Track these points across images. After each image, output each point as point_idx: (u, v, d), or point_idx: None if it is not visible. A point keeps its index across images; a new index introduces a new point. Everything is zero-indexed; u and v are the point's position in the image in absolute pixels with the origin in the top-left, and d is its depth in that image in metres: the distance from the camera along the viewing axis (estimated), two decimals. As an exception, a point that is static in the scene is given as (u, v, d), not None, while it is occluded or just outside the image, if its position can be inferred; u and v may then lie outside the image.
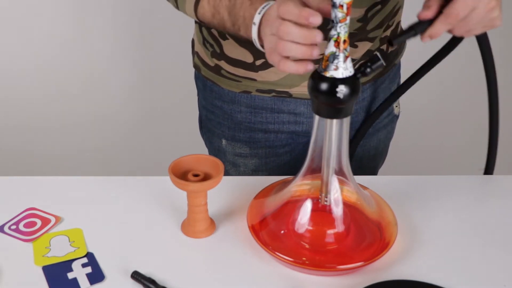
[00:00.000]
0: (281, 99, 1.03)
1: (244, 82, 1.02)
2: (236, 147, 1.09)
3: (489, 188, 0.99)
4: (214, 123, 1.11)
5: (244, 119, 1.06)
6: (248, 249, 0.84)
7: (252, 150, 1.09)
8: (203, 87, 1.10)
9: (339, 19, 0.69)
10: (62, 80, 1.93)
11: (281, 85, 1.01)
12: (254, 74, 1.00)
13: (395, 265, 0.81)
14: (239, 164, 1.11)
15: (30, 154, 2.04)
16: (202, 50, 1.07)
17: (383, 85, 1.09)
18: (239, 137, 1.08)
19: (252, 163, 1.10)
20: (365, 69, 0.74)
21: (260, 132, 1.07)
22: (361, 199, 0.84)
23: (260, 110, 1.05)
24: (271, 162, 1.10)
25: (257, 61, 0.99)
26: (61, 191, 0.96)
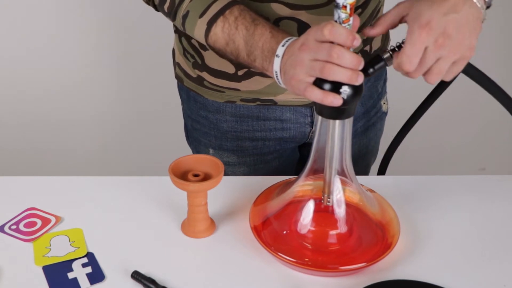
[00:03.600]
0: (266, 107, 1.03)
1: (228, 92, 1.01)
2: (223, 156, 1.09)
3: (489, 188, 0.99)
4: (200, 133, 1.10)
5: (230, 128, 1.05)
6: (248, 249, 0.84)
7: (240, 159, 1.08)
8: (187, 97, 1.10)
9: (342, 20, 0.69)
10: (62, 80, 1.92)
11: (265, 93, 1.00)
12: (237, 84, 1.00)
13: (397, 266, 0.81)
14: (227, 173, 1.10)
15: (31, 154, 2.03)
16: (183, 61, 1.06)
17: (368, 83, 1.09)
18: (226, 146, 1.08)
19: (241, 171, 1.10)
20: (367, 70, 0.74)
21: (247, 140, 1.06)
22: (364, 199, 0.84)
23: (246, 118, 1.04)
24: (259, 169, 1.10)
25: (239, 71, 0.98)
26: (61, 191, 0.96)
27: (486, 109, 1.99)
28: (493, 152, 2.08)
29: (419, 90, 1.17)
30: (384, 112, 1.17)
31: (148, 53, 1.90)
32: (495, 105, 2.11)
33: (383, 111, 1.16)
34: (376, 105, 1.12)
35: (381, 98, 1.14)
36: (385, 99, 1.16)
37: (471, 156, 2.08)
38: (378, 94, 1.12)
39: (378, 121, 1.15)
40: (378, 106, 1.14)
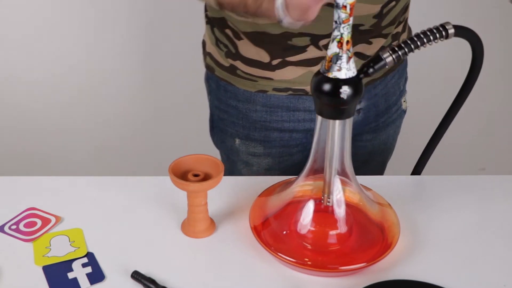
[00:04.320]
0: (297, 97, 1.03)
1: (260, 82, 1.02)
2: (250, 147, 1.09)
3: (489, 188, 0.99)
4: (227, 123, 1.10)
5: (259, 118, 1.06)
6: (248, 249, 0.84)
7: (266, 150, 1.09)
8: (216, 87, 1.09)
9: (342, 20, 0.69)
10: (62, 80, 1.92)
11: (298, 83, 1.01)
12: (271, 73, 1.00)
13: (397, 266, 0.81)
14: (252, 164, 1.11)
15: (31, 154, 2.03)
16: (216, 51, 1.06)
17: (393, 80, 1.11)
18: (254, 136, 1.08)
19: (266, 162, 1.10)
20: (367, 70, 0.74)
21: (276, 131, 1.07)
22: (364, 200, 0.84)
23: (276, 108, 1.04)
24: (284, 161, 1.10)
25: (274, 60, 0.99)
26: (61, 191, 0.96)
27: (486, 109, 1.99)
28: (493, 152, 2.08)
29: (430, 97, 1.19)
30: (403, 110, 1.19)
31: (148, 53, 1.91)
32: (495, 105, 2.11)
33: (402, 109, 1.18)
34: (397, 102, 1.14)
35: (402, 96, 1.16)
36: (405, 97, 1.18)
37: (471, 156, 2.08)
38: (400, 92, 1.14)
39: (397, 118, 1.17)
40: (399, 103, 1.16)
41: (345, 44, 0.70)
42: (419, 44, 0.76)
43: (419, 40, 0.76)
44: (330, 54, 0.71)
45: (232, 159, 1.14)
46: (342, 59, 0.71)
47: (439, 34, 0.76)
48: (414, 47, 0.76)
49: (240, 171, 1.14)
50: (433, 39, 0.76)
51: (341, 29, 0.70)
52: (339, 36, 0.70)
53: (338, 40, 0.70)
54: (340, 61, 0.71)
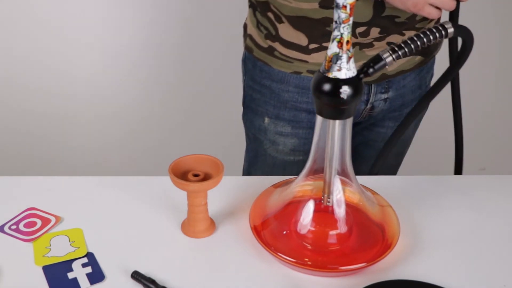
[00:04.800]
0: None
1: (296, 63, 1.06)
2: (278, 126, 1.14)
3: (489, 188, 0.99)
4: (259, 102, 1.15)
5: (290, 98, 1.10)
6: (248, 249, 0.84)
7: (294, 130, 1.13)
8: (252, 67, 1.14)
9: (342, 20, 0.69)
10: (62, 80, 1.92)
11: None
12: (307, 56, 1.05)
13: (397, 266, 0.81)
14: (278, 143, 1.15)
15: (31, 154, 2.03)
16: (256, 33, 1.11)
17: (421, 73, 1.14)
18: (283, 115, 1.12)
19: (292, 142, 1.14)
20: (367, 69, 0.74)
21: (304, 112, 1.11)
22: (364, 200, 0.84)
23: (307, 90, 1.09)
24: (309, 143, 1.10)
25: (311, 44, 1.03)
26: (61, 191, 0.96)
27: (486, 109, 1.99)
28: (493, 152, 2.08)
29: None
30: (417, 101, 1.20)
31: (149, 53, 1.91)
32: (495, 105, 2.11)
33: None
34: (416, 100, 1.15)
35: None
36: None
37: (471, 156, 2.08)
38: (426, 86, 1.17)
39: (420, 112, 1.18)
40: None
41: (345, 44, 0.70)
42: (419, 44, 0.76)
43: (419, 39, 0.76)
44: (330, 54, 0.71)
45: (260, 138, 1.18)
46: (342, 59, 0.71)
47: (438, 34, 0.76)
48: (414, 47, 0.76)
49: (265, 151, 1.18)
50: (433, 39, 0.76)
51: (341, 29, 0.70)
52: (339, 36, 0.70)
53: (338, 40, 0.70)
54: (340, 61, 0.71)
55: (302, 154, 1.15)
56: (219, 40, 1.86)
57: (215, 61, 1.89)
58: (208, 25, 1.85)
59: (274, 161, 1.19)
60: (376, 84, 1.10)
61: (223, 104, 1.89)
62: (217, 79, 1.92)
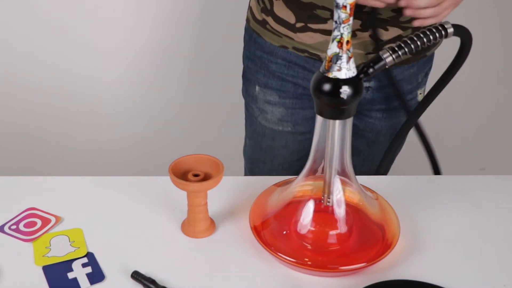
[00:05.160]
0: (312, 61, 1.11)
1: (284, 39, 1.12)
2: (267, 94, 1.19)
3: (489, 188, 0.99)
4: (252, 72, 1.21)
5: (278, 69, 1.15)
6: (248, 249, 0.84)
7: (281, 99, 1.18)
8: (249, 38, 1.21)
9: (342, 20, 0.69)
10: (62, 80, 1.92)
11: (314, 49, 1.09)
12: (293, 34, 1.10)
13: (397, 266, 0.81)
14: (267, 111, 1.21)
15: (31, 154, 2.03)
16: (255, 5, 1.17)
17: (411, 70, 1.15)
18: (271, 84, 1.18)
19: (279, 111, 1.19)
20: (367, 69, 0.74)
21: (291, 83, 1.16)
22: (364, 200, 0.84)
23: (294, 65, 1.13)
24: (296, 113, 1.19)
25: (298, 23, 1.08)
26: (61, 191, 0.96)
27: (486, 109, 1.99)
28: (493, 152, 2.08)
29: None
30: (418, 102, 1.20)
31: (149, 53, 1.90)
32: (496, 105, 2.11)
33: (418, 100, 1.21)
34: (412, 92, 1.18)
35: (419, 87, 1.19)
36: (422, 90, 1.22)
37: (471, 156, 2.08)
38: (417, 83, 1.18)
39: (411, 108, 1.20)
40: (414, 93, 1.19)
41: (345, 44, 0.70)
42: (419, 44, 0.76)
43: (419, 39, 0.76)
44: (330, 54, 0.71)
45: (252, 106, 1.24)
46: (342, 59, 0.71)
47: (438, 34, 0.76)
48: (414, 46, 0.76)
49: (256, 119, 1.24)
50: (433, 39, 0.76)
51: (341, 29, 0.70)
52: (339, 36, 0.70)
53: (338, 40, 0.70)
54: (340, 61, 0.71)
55: (289, 125, 1.20)
56: (220, 40, 1.86)
57: (215, 62, 1.89)
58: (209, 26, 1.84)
59: (264, 130, 1.24)
60: None
61: (224, 104, 1.89)
62: (218, 79, 1.92)
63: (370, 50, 1.07)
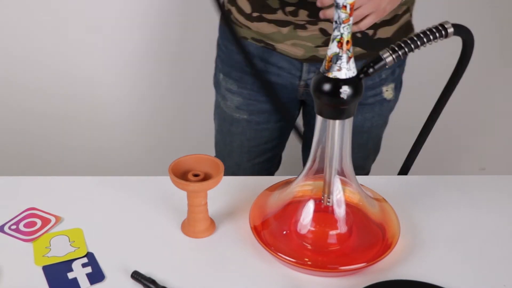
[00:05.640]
0: (268, 51, 1.16)
1: (244, 29, 1.16)
2: (228, 83, 1.25)
3: (489, 188, 0.99)
4: (219, 59, 1.28)
5: (239, 60, 1.20)
6: (248, 249, 0.84)
7: (239, 89, 1.24)
8: (220, 28, 1.27)
9: (342, 20, 0.69)
10: (61, 79, 1.92)
11: (269, 38, 1.13)
12: (250, 24, 1.14)
13: (397, 266, 0.81)
14: (227, 98, 1.27)
15: (31, 154, 2.03)
16: None
17: None
18: (232, 74, 1.23)
19: (237, 100, 1.25)
20: (368, 70, 0.74)
21: (248, 75, 1.20)
22: (364, 200, 0.84)
23: (253, 56, 1.18)
24: (251, 104, 1.24)
25: (254, 13, 1.12)
26: (61, 191, 0.96)
27: (486, 109, 1.99)
28: (493, 152, 2.08)
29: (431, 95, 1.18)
30: (385, 99, 1.21)
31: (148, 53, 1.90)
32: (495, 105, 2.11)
33: (384, 97, 1.21)
34: (375, 87, 1.18)
35: (384, 84, 1.19)
36: (390, 87, 1.21)
37: (471, 156, 2.08)
38: (380, 80, 1.18)
39: (376, 104, 1.21)
40: (379, 90, 1.19)
41: (345, 44, 0.70)
42: (419, 44, 0.76)
43: (419, 39, 0.76)
44: (330, 54, 0.71)
45: (218, 92, 1.31)
46: (342, 59, 0.71)
47: (438, 34, 0.76)
48: (414, 46, 0.76)
49: (219, 103, 1.31)
50: (433, 39, 0.76)
51: (341, 29, 0.70)
52: (339, 36, 0.70)
53: (338, 40, 0.70)
54: (340, 61, 0.71)
55: (246, 113, 1.26)
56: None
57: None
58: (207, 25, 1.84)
59: (224, 115, 1.30)
60: (309, 64, 1.14)
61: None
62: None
63: (319, 43, 1.09)
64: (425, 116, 1.08)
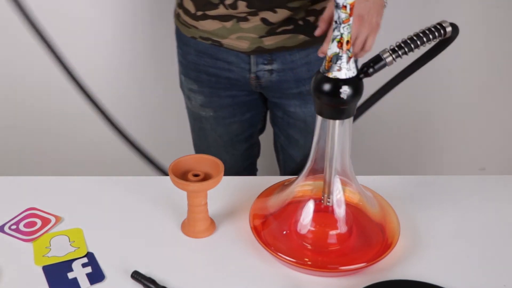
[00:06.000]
0: (216, 48, 1.18)
1: (192, 29, 1.19)
2: (189, 83, 1.28)
3: (489, 188, 0.99)
4: (179, 62, 1.30)
5: (192, 60, 1.23)
6: (248, 249, 0.84)
7: (200, 88, 1.26)
8: (175, 32, 1.28)
9: (342, 20, 0.69)
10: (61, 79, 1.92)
11: (215, 35, 1.16)
12: (196, 23, 1.17)
13: (397, 266, 0.81)
14: (191, 98, 1.30)
15: (31, 154, 2.03)
16: (175, 2, 1.24)
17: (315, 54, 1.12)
18: (190, 74, 1.26)
19: (200, 99, 1.28)
20: (367, 69, 0.74)
21: (204, 73, 1.23)
22: (364, 200, 0.84)
23: (203, 54, 1.20)
24: (214, 101, 1.27)
25: (198, 12, 1.15)
26: (61, 191, 0.96)
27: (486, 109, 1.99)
28: (493, 152, 2.08)
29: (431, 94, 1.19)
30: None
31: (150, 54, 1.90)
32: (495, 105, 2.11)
33: None
34: None
35: None
36: None
37: (471, 156, 2.08)
38: None
39: None
40: None
41: (345, 44, 0.70)
42: (419, 44, 0.76)
43: (419, 39, 0.76)
44: (330, 54, 0.71)
45: (183, 92, 1.34)
46: (342, 59, 0.71)
47: (437, 33, 0.76)
48: (414, 46, 0.76)
49: (187, 104, 1.34)
50: (432, 38, 0.76)
51: (341, 29, 0.70)
52: (339, 36, 0.70)
53: (338, 40, 0.70)
54: (340, 61, 0.71)
55: (211, 110, 1.28)
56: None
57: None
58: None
59: (193, 115, 1.34)
60: (255, 56, 1.15)
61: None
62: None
63: (263, 34, 1.11)
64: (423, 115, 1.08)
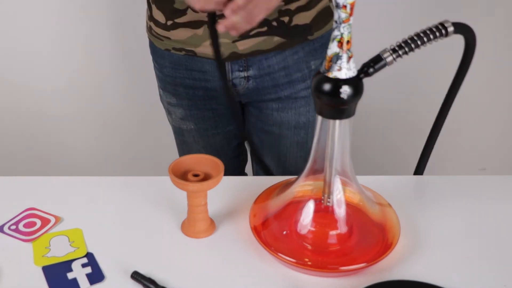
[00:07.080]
0: (191, 58, 1.14)
1: (165, 41, 1.15)
2: (167, 97, 1.24)
3: (489, 188, 0.99)
4: (156, 76, 1.26)
5: (169, 73, 1.19)
6: (248, 249, 0.84)
7: (178, 101, 1.23)
8: (150, 45, 1.24)
9: (342, 20, 0.69)
10: (61, 79, 1.92)
11: (188, 44, 1.12)
12: (168, 33, 1.13)
13: (397, 266, 0.81)
14: (170, 112, 1.27)
15: (31, 154, 2.03)
16: (146, 16, 1.21)
17: (295, 56, 1.13)
18: (168, 88, 1.23)
19: (180, 112, 1.24)
20: (368, 69, 0.74)
21: (181, 86, 1.19)
22: (364, 200, 0.84)
23: (178, 66, 1.17)
24: (194, 114, 1.23)
25: (168, 21, 1.11)
26: (61, 191, 0.96)
27: (486, 109, 1.99)
28: (493, 152, 2.08)
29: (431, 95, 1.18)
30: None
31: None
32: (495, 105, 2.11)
33: None
34: (305, 80, 1.16)
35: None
36: None
37: (471, 156, 2.08)
38: (310, 71, 1.15)
39: (310, 96, 1.18)
40: (310, 81, 1.16)
41: (345, 44, 0.70)
42: (420, 44, 0.76)
43: (419, 39, 0.76)
44: (330, 54, 0.71)
45: (164, 106, 1.30)
46: (342, 59, 0.71)
47: (439, 33, 0.76)
48: (414, 46, 0.76)
49: (167, 117, 1.31)
50: (433, 38, 0.76)
51: (341, 29, 0.70)
52: (339, 36, 0.70)
53: (338, 40, 0.70)
54: (340, 61, 0.71)
55: (192, 123, 1.25)
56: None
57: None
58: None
59: (174, 128, 1.30)
60: (230, 62, 1.12)
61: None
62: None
63: (236, 38, 1.07)
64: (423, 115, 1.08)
